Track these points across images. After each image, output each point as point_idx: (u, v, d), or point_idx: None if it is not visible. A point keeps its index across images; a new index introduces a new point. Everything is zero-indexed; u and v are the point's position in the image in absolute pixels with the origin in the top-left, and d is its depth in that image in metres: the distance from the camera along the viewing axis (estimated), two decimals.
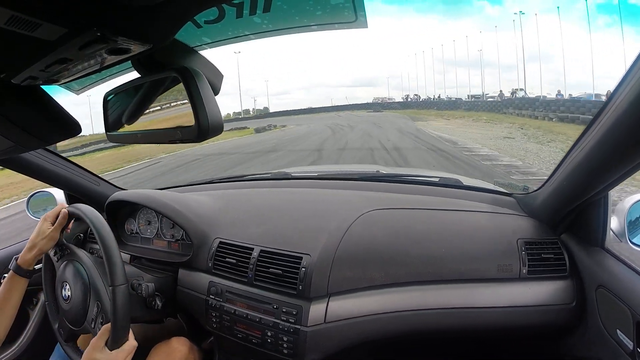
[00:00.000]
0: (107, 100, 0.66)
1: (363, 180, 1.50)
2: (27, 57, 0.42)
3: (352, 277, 1.04)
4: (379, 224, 1.14)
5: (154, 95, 0.60)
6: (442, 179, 1.46)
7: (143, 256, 1.41)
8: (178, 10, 0.43)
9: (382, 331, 1.03)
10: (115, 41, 0.39)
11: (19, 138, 0.59)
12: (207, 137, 0.51)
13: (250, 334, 1.08)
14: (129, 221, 1.52)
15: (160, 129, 0.60)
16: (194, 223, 1.27)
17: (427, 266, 1.05)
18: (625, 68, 0.63)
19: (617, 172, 0.76)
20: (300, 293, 1.02)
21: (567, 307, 1.01)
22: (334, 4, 0.88)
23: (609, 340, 0.88)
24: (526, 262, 1.04)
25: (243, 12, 0.87)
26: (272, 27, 0.96)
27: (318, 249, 1.06)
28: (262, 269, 1.09)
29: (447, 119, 24.15)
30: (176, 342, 1.18)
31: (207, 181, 1.76)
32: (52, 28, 0.35)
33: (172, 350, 1.15)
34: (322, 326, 1.00)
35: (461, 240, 1.09)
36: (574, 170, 0.87)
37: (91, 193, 1.56)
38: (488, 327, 1.04)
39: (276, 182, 1.65)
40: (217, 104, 0.51)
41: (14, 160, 1.28)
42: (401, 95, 38.86)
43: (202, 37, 0.89)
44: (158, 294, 1.18)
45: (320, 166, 7.35)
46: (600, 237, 0.96)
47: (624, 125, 0.66)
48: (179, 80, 0.50)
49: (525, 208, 1.17)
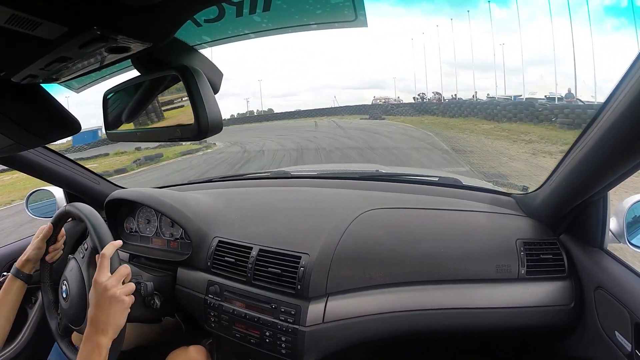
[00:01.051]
0: (107, 98, 0.67)
1: (362, 179, 1.50)
2: (27, 55, 0.42)
3: (351, 277, 1.04)
4: (378, 224, 1.14)
5: (154, 94, 0.60)
6: (441, 179, 1.46)
7: (142, 255, 1.41)
8: (178, 9, 0.43)
9: (381, 331, 1.03)
10: (115, 40, 0.39)
11: (18, 136, 0.59)
12: (206, 135, 0.51)
13: (249, 333, 1.08)
14: (128, 220, 1.52)
15: (160, 127, 0.60)
16: (193, 222, 1.27)
17: (425, 266, 1.05)
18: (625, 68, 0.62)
19: (616, 172, 0.76)
20: (298, 293, 1.02)
21: (566, 308, 1.01)
22: (333, 3, 0.88)
23: (607, 342, 0.88)
24: (525, 263, 1.04)
25: (243, 11, 0.87)
26: (272, 25, 0.96)
27: (317, 248, 1.06)
28: (260, 268, 1.09)
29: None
30: (194, 351, 1.17)
31: (206, 180, 1.76)
32: (52, 27, 0.35)
33: (190, 359, 1.15)
34: (321, 326, 1.00)
35: (460, 240, 1.09)
36: (573, 170, 0.87)
37: (91, 191, 1.56)
38: (486, 327, 1.04)
39: (275, 181, 1.65)
40: (216, 102, 0.51)
41: (13, 159, 1.28)
42: (412, 96, 26.66)
43: (202, 35, 0.90)
44: (157, 293, 1.18)
45: (319, 165, 7.34)
46: (599, 238, 0.96)
47: (623, 125, 0.66)
48: (178, 78, 0.51)
49: (524, 208, 1.17)
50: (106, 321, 0.82)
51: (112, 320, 0.83)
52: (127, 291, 0.87)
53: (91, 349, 0.80)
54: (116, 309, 0.84)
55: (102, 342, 0.81)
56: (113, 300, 0.84)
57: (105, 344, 0.81)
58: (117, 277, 0.87)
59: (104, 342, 0.81)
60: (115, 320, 0.83)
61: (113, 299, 0.84)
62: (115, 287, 0.85)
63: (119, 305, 0.84)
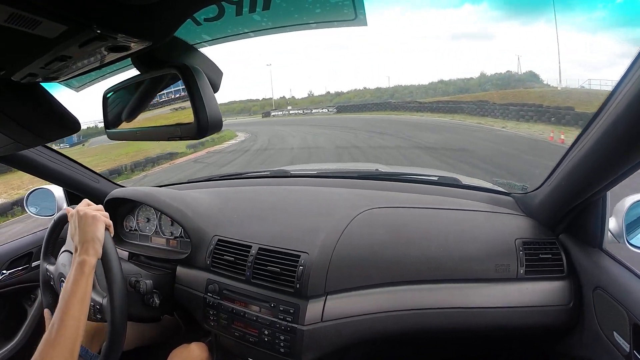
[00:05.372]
0: (107, 97, 0.66)
1: (362, 178, 1.50)
2: (27, 54, 0.42)
3: (350, 276, 1.04)
4: (377, 223, 1.14)
5: (154, 93, 0.60)
6: (440, 178, 1.46)
7: (141, 253, 1.41)
8: (178, 8, 0.43)
9: (380, 331, 1.03)
10: (115, 39, 0.39)
11: (18, 135, 0.59)
12: (206, 134, 0.51)
13: (248, 332, 1.08)
14: (128, 218, 1.52)
15: (160, 126, 0.60)
16: (193, 220, 1.27)
17: (424, 265, 1.06)
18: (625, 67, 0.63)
19: (615, 172, 0.76)
20: (297, 291, 1.03)
21: (564, 308, 1.01)
22: (333, 2, 0.88)
23: (606, 342, 0.89)
24: (524, 262, 1.04)
25: (242, 10, 0.87)
26: (272, 24, 0.95)
27: (316, 247, 1.06)
28: (260, 266, 1.09)
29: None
30: (196, 348, 1.17)
31: (206, 179, 1.76)
32: (52, 25, 0.35)
33: (192, 356, 1.15)
34: (319, 325, 1.00)
35: (459, 239, 1.09)
36: (573, 170, 0.87)
37: (90, 190, 1.56)
38: (485, 327, 1.04)
39: (275, 179, 1.65)
40: (216, 101, 0.51)
41: (13, 158, 1.28)
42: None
43: (202, 34, 0.89)
44: (156, 291, 1.18)
45: (319, 164, 7.32)
46: (598, 238, 0.96)
47: (623, 124, 0.66)
48: (178, 77, 0.51)
49: (523, 208, 1.18)
50: (84, 238, 0.89)
51: (90, 235, 0.89)
52: (95, 208, 0.96)
53: (75, 270, 0.85)
54: (90, 223, 0.91)
55: (84, 260, 0.86)
56: (86, 218, 0.91)
57: (88, 262, 0.86)
58: (84, 203, 0.99)
59: (86, 259, 0.86)
60: (92, 234, 0.90)
61: (85, 217, 0.91)
62: (84, 209, 0.94)
63: (92, 220, 0.91)
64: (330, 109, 33.24)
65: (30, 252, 1.52)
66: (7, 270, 1.45)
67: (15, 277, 1.48)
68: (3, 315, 1.50)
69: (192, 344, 1.18)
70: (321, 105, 37.39)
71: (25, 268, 1.51)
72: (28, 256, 1.52)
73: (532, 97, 18.99)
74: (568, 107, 14.92)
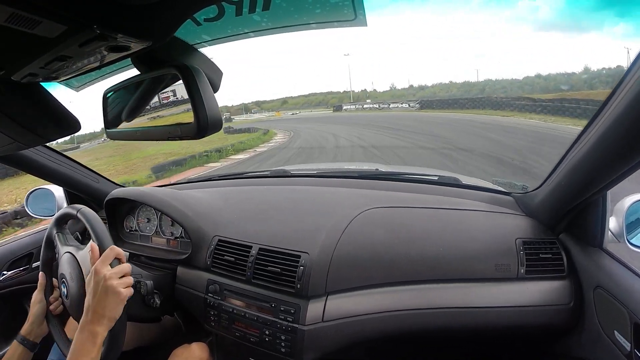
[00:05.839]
0: (107, 97, 0.66)
1: (362, 178, 1.50)
2: (27, 54, 0.43)
3: (350, 276, 1.04)
4: (377, 223, 1.14)
5: (154, 93, 0.60)
6: (440, 178, 1.46)
7: (142, 254, 1.41)
8: (178, 8, 0.43)
9: (380, 330, 1.03)
10: (115, 39, 0.40)
11: (18, 135, 0.59)
12: (206, 134, 0.51)
13: (248, 332, 1.08)
14: (128, 218, 1.52)
15: (160, 125, 0.60)
16: (193, 221, 1.27)
17: (425, 265, 1.05)
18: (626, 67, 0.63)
19: (615, 172, 0.76)
20: (298, 291, 1.02)
21: (565, 307, 1.01)
22: (333, 3, 0.88)
23: (607, 341, 0.88)
24: (524, 262, 1.04)
25: (242, 10, 0.87)
26: (272, 25, 0.95)
27: (316, 247, 1.06)
28: (260, 267, 1.09)
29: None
30: (197, 348, 1.17)
31: (206, 178, 1.76)
32: (52, 25, 0.35)
33: (193, 356, 1.15)
34: (320, 325, 1.00)
35: (459, 239, 1.09)
36: (573, 169, 0.87)
37: (90, 190, 1.56)
38: (485, 327, 1.04)
39: (275, 179, 1.65)
40: (216, 100, 0.51)
41: (13, 157, 1.28)
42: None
43: (202, 34, 0.89)
44: (156, 291, 1.18)
45: (319, 164, 7.31)
46: (599, 238, 0.96)
47: (623, 124, 0.66)
48: (178, 77, 0.51)
49: (523, 207, 1.17)
50: (102, 312, 0.83)
51: (108, 311, 0.84)
52: (124, 283, 0.87)
53: (86, 338, 0.81)
54: (112, 300, 0.84)
55: (96, 331, 0.82)
56: (110, 290, 0.84)
57: (100, 333, 0.82)
58: (117, 270, 0.88)
59: (99, 331, 0.82)
60: (110, 311, 0.84)
61: (110, 289, 0.84)
62: (113, 278, 0.85)
63: (115, 297, 0.84)
64: (412, 104, 28.69)
65: (30, 253, 1.52)
66: (8, 271, 1.46)
67: (16, 278, 1.48)
68: (3, 316, 1.50)
69: (193, 344, 1.18)
70: (402, 100, 33.00)
71: (26, 269, 1.51)
72: (28, 257, 1.52)
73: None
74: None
